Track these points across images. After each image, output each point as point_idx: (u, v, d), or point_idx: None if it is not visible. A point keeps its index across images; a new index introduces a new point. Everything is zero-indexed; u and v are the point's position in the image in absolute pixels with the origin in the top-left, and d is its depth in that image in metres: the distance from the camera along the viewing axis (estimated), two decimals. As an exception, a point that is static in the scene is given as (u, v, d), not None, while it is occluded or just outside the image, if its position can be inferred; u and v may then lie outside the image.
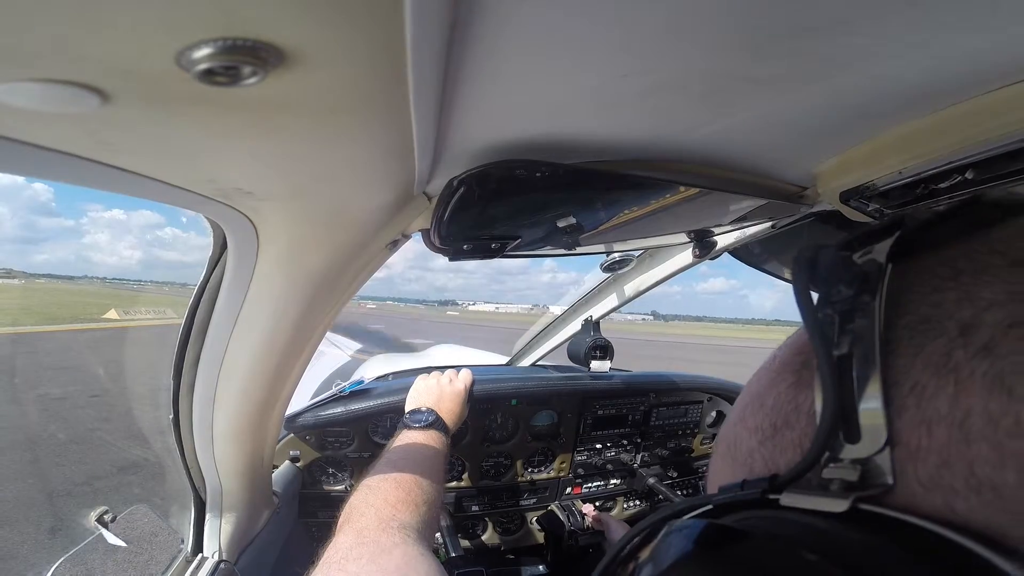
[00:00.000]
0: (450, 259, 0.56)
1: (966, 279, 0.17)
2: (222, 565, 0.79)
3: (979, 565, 0.14)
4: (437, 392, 0.94)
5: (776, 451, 0.21)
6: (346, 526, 0.57)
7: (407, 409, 0.89)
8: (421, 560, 0.50)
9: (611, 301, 1.30)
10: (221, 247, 0.52)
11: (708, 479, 0.24)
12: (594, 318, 1.34)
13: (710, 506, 0.20)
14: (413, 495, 0.63)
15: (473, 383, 1.02)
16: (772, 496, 0.18)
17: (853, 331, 0.18)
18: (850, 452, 0.18)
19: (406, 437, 0.81)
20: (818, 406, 0.19)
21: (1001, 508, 0.15)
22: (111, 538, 0.76)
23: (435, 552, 1.22)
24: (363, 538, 0.53)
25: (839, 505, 0.16)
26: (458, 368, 1.04)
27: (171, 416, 0.70)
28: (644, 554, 0.19)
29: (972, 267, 0.17)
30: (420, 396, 0.93)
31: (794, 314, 0.22)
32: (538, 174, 0.40)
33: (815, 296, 0.19)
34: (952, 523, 0.15)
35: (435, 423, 0.85)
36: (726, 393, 1.49)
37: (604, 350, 1.29)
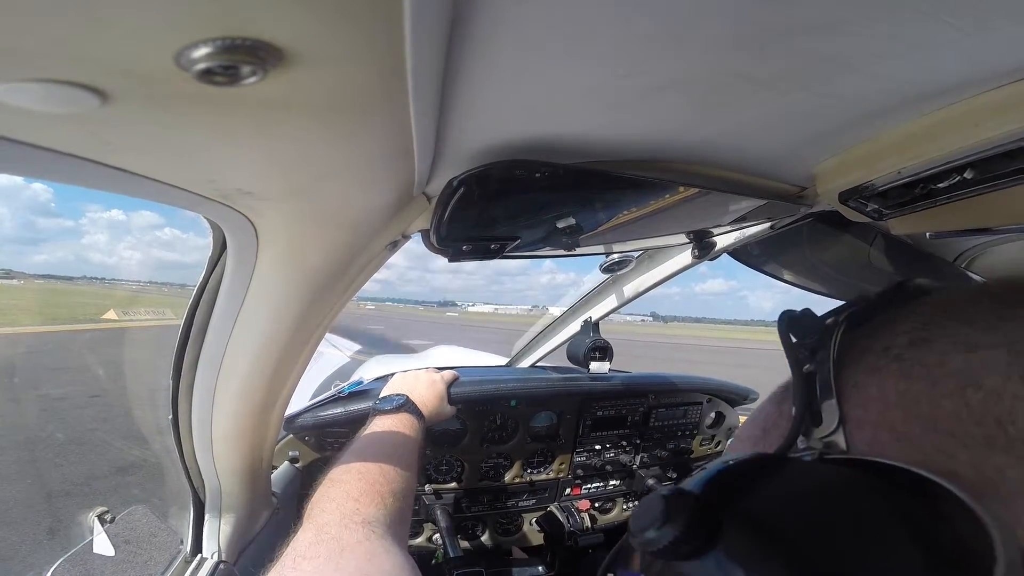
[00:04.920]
0: (450, 260, 0.56)
1: (891, 324, 0.27)
2: (221, 566, 0.79)
3: (906, 474, 0.21)
4: (412, 380, 0.94)
5: (766, 446, 0.30)
6: (306, 522, 0.54)
7: (378, 398, 0.88)
8: (386, 557, 0.47)
9: (610, 302, 1.30)
10: (221, 248, 0.52)
11: None
12: (593, 319, 1.34)
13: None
14: (378, 486, 0.60)
15: (455, 380, 1.02)
16: None
17: (817, 358, 0.28)
18: (817, 433, 0.26)
19: (375, 424, 0.79)
20: (794, 407, 0.27)
21: (914, 450, 0.22)
22: (110, 539, 0.76)
23: (434, 552, 1.22)
24: (323, 535, 0.51)
25: (808, 457, 0.25)
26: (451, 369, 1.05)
27: (170, 417, 0.70)
28: (690, 476, 0.27)
29: (894, 318, 0.27)
30: (393, 385, 0.93)
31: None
32: (538, 174, 0.40)
33: (794, 338, 0.30)
34: None
35: (405, 405, 0.83)
36: (725, 394, 1.49)
37: (603, 351, 1.29)
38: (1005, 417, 0.20)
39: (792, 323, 0.30)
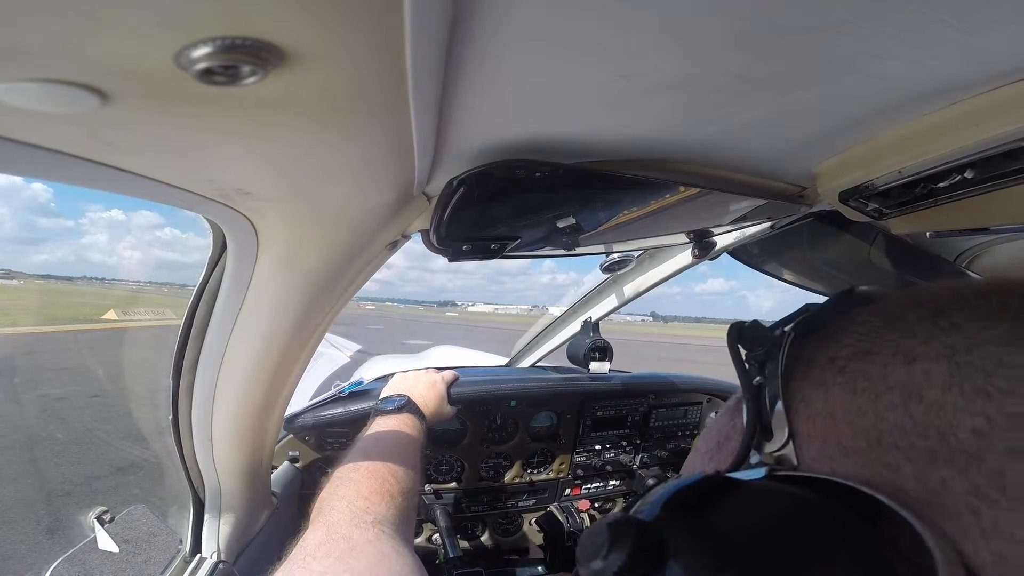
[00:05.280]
0: (450, 260, 0.56)
1: (835, 335, 0.26)
2: (221, 565, 0.79)
3: (849, 490, 0.21)
4: (412, 381, 0.94)
5: (720, 460, 0.30)
6: (316, 521, 0.54)
7: (379, 398, 0.89)
8: (396, 558, 0.47)
9: (610, 302, 1.30)
10: (221, 248, 0.52)
11: None
12: (593, 319, 1.34)
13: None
14: (387, 485, 0.60)
15: (455, 381, 1.02)
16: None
17: (766, 370, 0.28)
18: (768, 447, 0.26)
19: (378, 424, 0.79)
20: (745, 419, 0.28)
21: (862, 465, 0.22)
22: (110, 538, 0.76)
23: (434, 553, 1.22)
24: (333, 534, 0.50)
25: (759, 474, 0.25)
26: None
27: (170, 417, 0.70)
28: (646, 498, 0.27)
29: (838, 329, 0.27)
30: (394, 385, 0.94)
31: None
32: (538, 174, 0.40)
33: (743, 350, 0.30)
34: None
35: (406, 406, 0.83)
36: (725, 394, 1.49)
37: (603, 351, 1.29)
38: (947, 429, 0.20)
39: (741, 335, 0.30)
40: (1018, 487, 0.18)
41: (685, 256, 1.05)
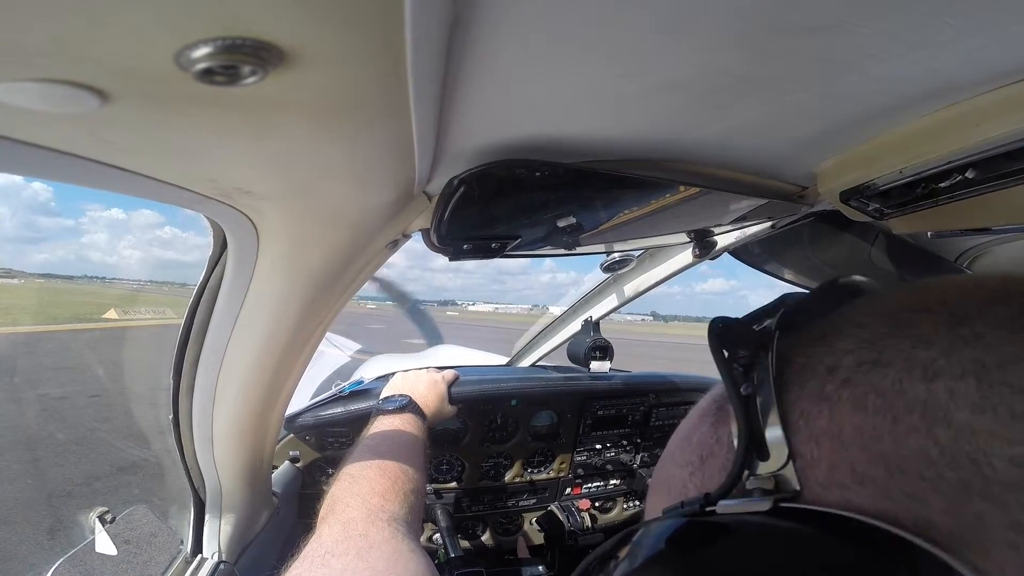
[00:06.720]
0: (450, 259, 0.56)
1: (829, 338, 0.24)
2: (222, 566, 0.79)
3: (873, 531, 0.18)
4: (413, 380, 0.95)
5: (705, 477, 0.26)
6: (330, 517, 0.54)
7: (380, 398, 0.89)
8: (411, 556, 0.47)
9: (611, 301, 1.30)
10: (221, 247, 0.52)
11: (646, 517, 0.28)
12: (594, 318, 1.34)
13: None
14: (400, 483, 0.60)
15: (455, 380, 1.02)
16: (709, 508, 0.23)
17: (755, 378, 0.24)
18: (763, 468, 0.23)
19: (381, 423, 0.79)
20: (735, 436, 0.24)
21: (880, 495, 0.19)
22: (110, 539, 0.76)
23: (435, 552, 1.23)
24: (350, 531, 0.50)
25: (764, 505, 0.21)
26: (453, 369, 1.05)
27: (171, 416, 0.70)
28: (622, 552, 0.24)
29: (832, 329, 0.24)
30: (394, 385, 0.94)
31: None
32: (538, 174, 0.40)
33: (727, 353, 0.25)
34: (850, 510, 0.20)
35: (408, 406, 0.83)
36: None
37: (604, 351, 1.29)
38: (981, 457, 0.18)
39: (724, 335, 0.26)
40: None
41: (685, 256, 1.05)
